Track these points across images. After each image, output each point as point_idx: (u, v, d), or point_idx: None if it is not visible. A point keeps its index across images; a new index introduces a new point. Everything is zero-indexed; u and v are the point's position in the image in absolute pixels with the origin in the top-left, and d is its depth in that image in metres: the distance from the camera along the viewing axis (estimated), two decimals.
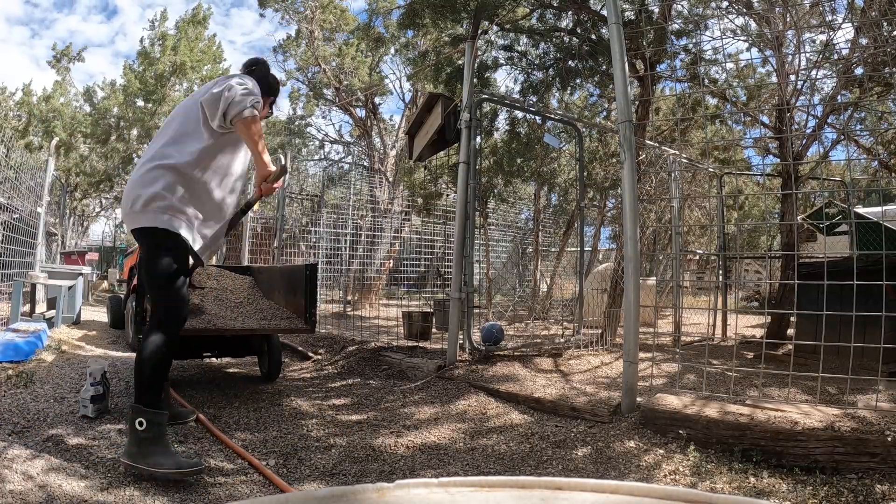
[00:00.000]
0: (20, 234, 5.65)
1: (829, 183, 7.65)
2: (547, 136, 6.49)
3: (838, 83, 5.43)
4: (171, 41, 15.40)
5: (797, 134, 5.61)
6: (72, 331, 5.39)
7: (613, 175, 7.75)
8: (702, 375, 3.42)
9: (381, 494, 0.44)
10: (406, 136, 5.36)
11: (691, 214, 7.48)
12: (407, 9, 5.71)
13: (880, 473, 2.02)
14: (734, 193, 9.05)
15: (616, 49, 2.97)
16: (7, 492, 1.73)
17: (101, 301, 9.50)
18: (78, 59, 17.48)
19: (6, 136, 5.13)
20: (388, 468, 2.23)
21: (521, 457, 2.37)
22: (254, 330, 3.31)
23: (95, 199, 21.09)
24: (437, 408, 3.08)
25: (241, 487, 1.99)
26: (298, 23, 11.61)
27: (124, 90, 15.67)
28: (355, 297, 8.98)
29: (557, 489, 0.46)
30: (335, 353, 4.69)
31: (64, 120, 16.20)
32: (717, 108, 7.97)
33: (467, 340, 3.92)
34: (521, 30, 6.13)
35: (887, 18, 4.14)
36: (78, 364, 3.69)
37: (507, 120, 7.11)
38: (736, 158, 9.39)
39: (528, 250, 9.64)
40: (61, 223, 12.84)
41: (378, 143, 11.74)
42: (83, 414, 2.58)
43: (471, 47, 4.14)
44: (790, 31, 5.33)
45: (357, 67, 11.69)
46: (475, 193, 4.07)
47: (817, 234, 6.66)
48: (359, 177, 9.98)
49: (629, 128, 2.92)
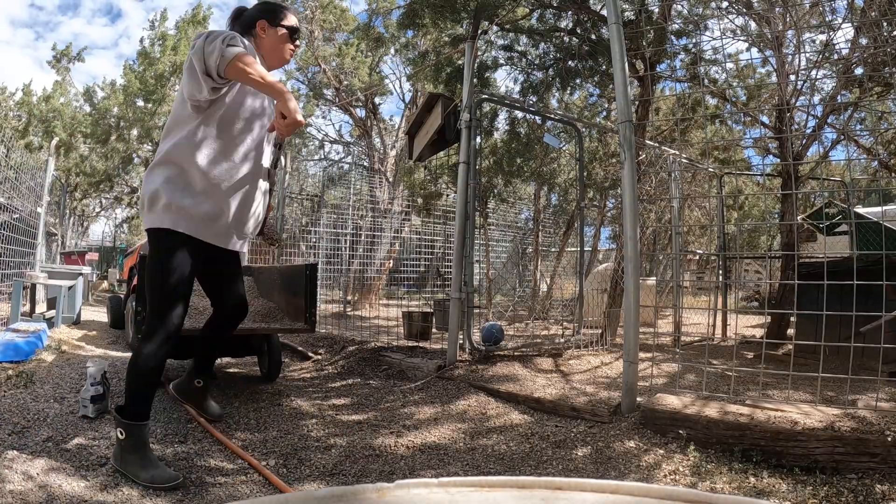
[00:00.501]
0: (20, 234, 5.65)
1: (829, 183, 7.64)
2: (547, 136, 6.50)
3: (838, 83, 5.43)
4: (171, 41, 15.40)
5: (797, 134, 5.61)
6: (72, 331, 5.39)
7: (613, 175, 7.75)
8: (702, 375, 3.42)
9: (381, 494, 0.44)
10: (406, 136, 5.36)
11: (691, 214, 7.48)
12: (407, 9, 5.71)
13: (880, 473, 2.02)
14: (734, 193, 9.05)
15: (616, 49, 2.97)
16: (7, 492, 1.73)
17: (101, 301, 9.50)
18: (78, 60, 17.48)
19: (6, 136, 5.13)
20: (388, 468, 2.23)
21: (521, 457, 2.37)
22: (254, 330, 3.31)
23: (95, 199, 21.09)
24: (437, 408, 3.08)
25: (241, 487, 1.99)
26: (298, 23, 11.62)
27: (124, 90, 15.67)
28: (355, 297, 8.98)
29: (557, 489, 0.46)
30: (335, 353, 4.69)
31: (64, 120, 16.19)
32: (717, 108, 7.97)
33: (467, 340, 3.92)
34: (521, 30, 6.13)
35: (887, 18, 4.14)
36: (78, 364, 3.69)
37: (507, 120, 7.12)
38: (736, 158, 9.40)
39: (528, 250, 9.64)
40: (61, 223, 12.85)
41: (378, 143, 11.74)
42: (83, 414, 2.58)
43: (471, 47, 4.14)
44: (790, 31, 5.33)
45: (357, 67, 11.70)
46: (475, 193, 4.07)
47: (817, 234, 6.66)
48: (359, 177, 9.98)
49: (629, 128, 2.92)
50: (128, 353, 4.42)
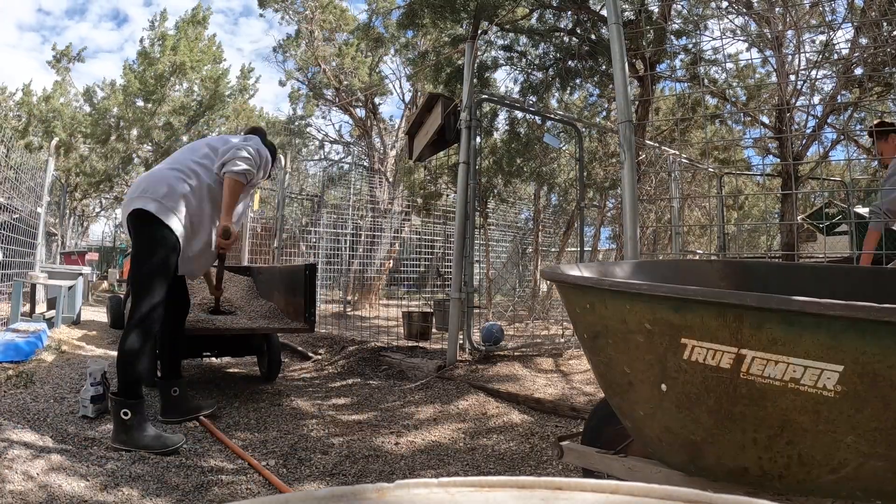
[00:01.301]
0: (20, 235, 5.65)
1: (829, 183, 7.65)
2: (547, 136, 6.49)
3: (838, 83, 5.43)
4: (171, 41, 15.40)
5: (797, 134, 5.61)
6: (72, 331, 5.39)
7: (613, 175, 7.75)
8: None
9: (381, 494, 0.44)
10: (406, 136, 5.36)
11: (691, 214, 7.48)
12: (407, 9, 5.72)
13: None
14: (734, 193, 9.05)
15: (616, 49, 2.97)
16: (7, 492, 1.73)
17: (101, 301, 9.50)
18: (78, 60, 17.48)
19: (6, 136, 5.13)
20: (388, 468, 2.23)
21: (521, 457, 2.37)
22: (253, 330, 3.31)
23: (95, 199, 21.08)
24: (437, 408, 3.08)
25: (241, 487, 1.99)
26: (298, 23, 11.62)
27: (124, 90, 15.68)
28: (355, 297, 8.98)
29: (557, 489, 0.46)
30: (335, 353, 4.69)
31: (64, 120, 16.19)
32: (717, 108, 7.97)
33: (467, 340, 3.92)
34: (521, 30, 6.13)
35: (887, 18, 4.14)
36: (78, 364, 3.69)
37: (507, 120, 7.12)
38: (736, 158, 9.40)
39: (528, 250, 9.64)
40: (61, 223, 12.84)
41: (378, 143, 11.74)
42: (83, 414, 2.58)
43: (471, 47, 4.14)
44: (790, 31, 5.33)
45: (357, 67, 11.70)
46: (475, 193, 4.07)
47: (817, 234, 6.66)
48: (359, 177, 9.97)
49: (629, 128, 2.92)
50: None
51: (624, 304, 1.19)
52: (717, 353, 1.07)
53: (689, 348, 1.10)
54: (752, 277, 1.79)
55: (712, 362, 1.08)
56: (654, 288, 1.14)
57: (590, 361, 1.40)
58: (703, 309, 1.07)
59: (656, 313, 1.13)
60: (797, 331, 0.97)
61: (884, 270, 1.70)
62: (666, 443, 1.24)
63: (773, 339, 1.00)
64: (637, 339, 1.19)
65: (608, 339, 1.27)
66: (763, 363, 1.02)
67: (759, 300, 1.00)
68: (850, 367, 0.94)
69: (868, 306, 0.90)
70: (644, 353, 1.19)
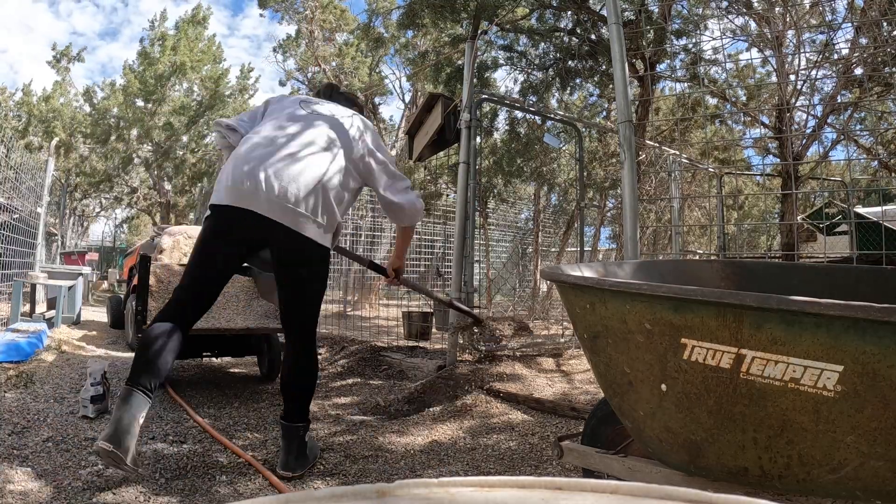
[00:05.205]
0: (20, 235, 5.65)
1: (829, 183, 7.65)
2: (547, 136, 6.49)
3: (838, 83, 5.43)
4: (171, 41, 15.40)
5: (797, 134, 5.61)
6: (72, 331, 5.39)
7: (613, 175, 7.75)
8: None
9: (381, 494, 0.44)
10: (406, 136, 5.36)
11: (691, 214, 7.48)
12: (407, 9, 5.72)
13: None
14: (734, 193, 9.05)
15: (616, 49, 2.97)
16: (7, 492, 1.73)
17: (101, 301, 9.51)
18: (77, 60, 17.48)
19: (6, 136, 5.13)
20: (388, 468, 2.23)
21: (522, 457, 2.37)
22: (253, 330, 3.31)
23: (95, 199, 21.07)
24: (437, 408, 3.08)
25: (241, 487, 1.99)
26: (298, 23, 11.62)
27: (124, 90, 15.68)
28: (355, 297, 8.98)
29: (558, 489, 0.46)
30: (335, 353, 4.69)
31: (64, 120, 16.20)
32: (717, 108, 7.98)
33: (467, 340, 3.92)
34: (521, 30, 6.13)
35: (887, 18, 4.14)
36: (78, 364, 3.69)
37: (507, 120, 7.12)
38: (736, 158, 9.40)
39: (528, 250, 9.64)
40: (61, 223, 12.84)
41: None
42: (83, 414, 2.58)
43: (471, 47, 4.14)
44: (790, 31, 5.33)
45: (357, 67, 11.71)
46: (475, 193, 4.07)
47: (817, 234, 6.66)
48: None
49: (629, 128, 2.92)
50: (128, 354, 4.42)
51: (624, 304, 1.20)
52: (717, 353, 1.07)
53: (689, 348, 1.10)
54: (752, 277, 1.79)
55: (712, 362, 1.08)
56: (653, 288, 1.14)
57: (590, 361, 1.40)
58: (703, 309, 1.07)
59: (656, 313, 1.13)
60: (797, 331, 0.97)
61: (884, 270, 1.70)
62: (666, 443, 1.24)
63: (772, 338, 1.00)
64: (637, 339, 1.19)
65: (608, 339, 1.27)
66: (763, 363, 1.02)
67: (758, 300, 1.00)
68: (849, 366, 0.94)
69: (868, 306, 0.90)
70: (644, 353, 1.19)
